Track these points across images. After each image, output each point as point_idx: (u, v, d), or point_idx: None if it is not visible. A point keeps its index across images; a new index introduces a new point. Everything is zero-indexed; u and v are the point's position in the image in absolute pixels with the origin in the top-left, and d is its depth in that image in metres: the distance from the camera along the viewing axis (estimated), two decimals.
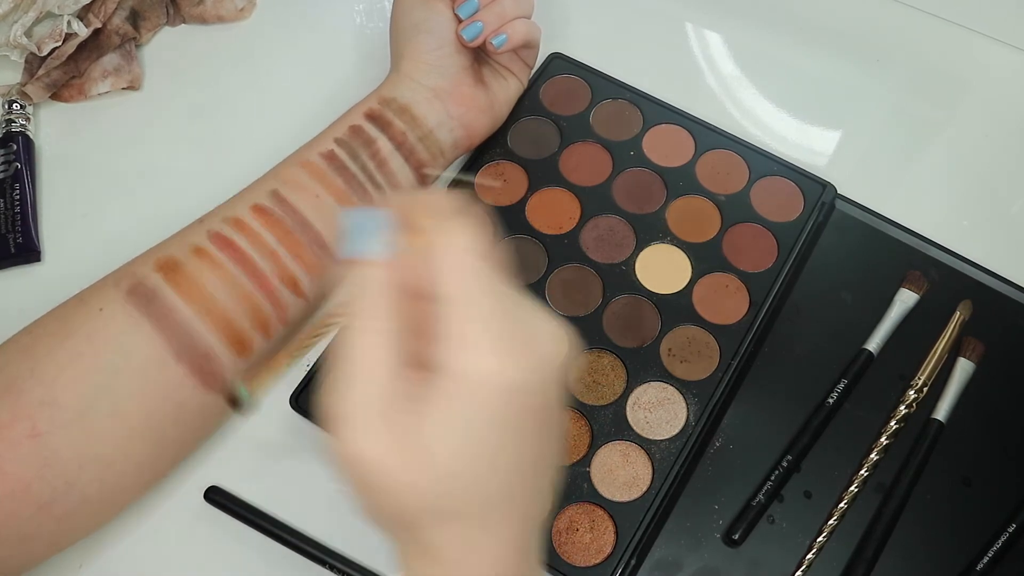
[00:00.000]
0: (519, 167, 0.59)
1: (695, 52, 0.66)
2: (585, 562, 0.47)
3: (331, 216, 0.50)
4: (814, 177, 0.58)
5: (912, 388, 0.51)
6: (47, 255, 0.56)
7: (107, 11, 0.60)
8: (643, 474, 0.49)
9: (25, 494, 0.39)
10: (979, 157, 0.61)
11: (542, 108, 0.61)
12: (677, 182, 0.58)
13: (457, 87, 0.54)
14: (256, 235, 0.47)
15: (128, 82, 0.61)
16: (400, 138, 0.52)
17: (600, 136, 0.60)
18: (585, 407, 0.51)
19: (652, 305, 0.54)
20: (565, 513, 0.48)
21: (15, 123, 0.59)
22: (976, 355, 0.52)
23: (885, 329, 0.53)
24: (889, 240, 0.56)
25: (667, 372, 0.52)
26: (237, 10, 0.65)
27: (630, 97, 0.61)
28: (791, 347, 0.53)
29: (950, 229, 0.57)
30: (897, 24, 0.66)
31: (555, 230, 0.57)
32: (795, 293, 0.55)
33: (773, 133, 0.62)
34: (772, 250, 0.56)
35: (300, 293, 0.49)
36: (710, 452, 0.50)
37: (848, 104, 0.64)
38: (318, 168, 0.50)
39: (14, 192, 0.56)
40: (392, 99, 0.53)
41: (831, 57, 0.66)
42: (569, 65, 0.63)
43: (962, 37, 0.66)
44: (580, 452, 0.50)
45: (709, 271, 0.55)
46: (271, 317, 0.47)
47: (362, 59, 0.64)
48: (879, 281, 0.55)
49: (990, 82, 0.65)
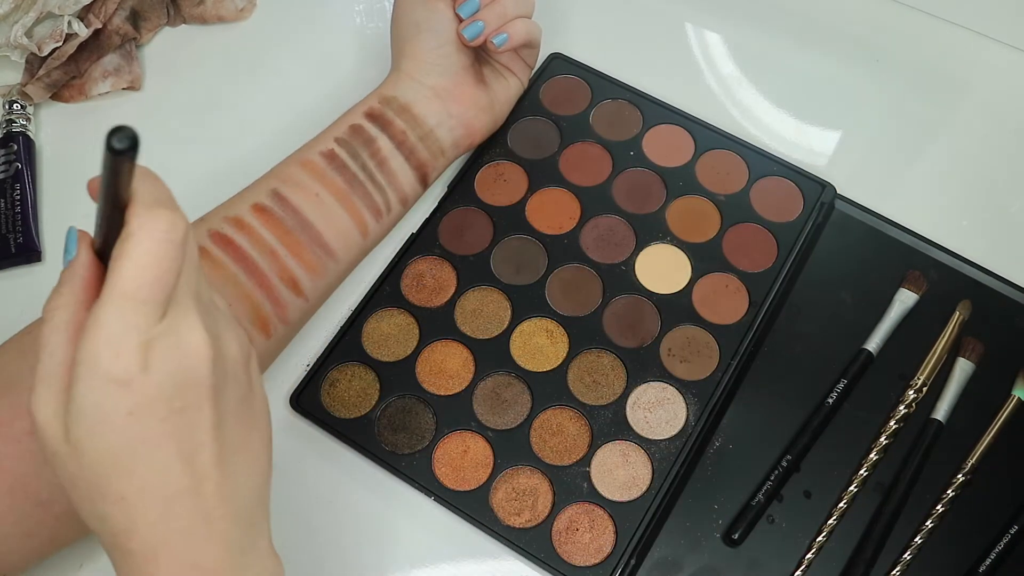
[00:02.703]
0: (519, 167, 0.59)
1: (695, 52, 0.66)
2: (585, 562, 0.47)
3: (332, 215, 0.50)
4: (814, 177, 0.58)
5: (912, 388, 0.51)
6: (48, 255, 0.56)
7: (107, 11, 0.61)
8: (643, 474, 0.49)
9: (24, 491, 0.39)
10: (979, 157, 0.61)
11: (542, 108, 0.61)
12: (677, 182, 0.58)
13: (458, 86, 0.54)
14: (256, 234, 0.47)
15: (128, 82, 0.61)
16: (400, 137, 0.53)
17: (600, 136, 0.60)
18: (585, 407, 0.51)
19: (652, 305, 0.54)
20: (565, 513, 0.48)
21: (16, 123, 0.59)
22: (976, 355, 0.52)
23: (885, 329, 0.53)
24: (889, 240, 0.56)
25: (667, 372, 0.52)
26: (237, 10, 0.65)
27: (630, 97, 0.61)
28: (791, 347, 0.53)
29: (950, 229, 0.57)
30: (897, 24, 0.66)
31: (555, 230, 0.57)
32: (795, 293, 0.55)
33: (773, 133, 0.62)
34: (772, 250, 0.56)
35: (300, 292, 0.49)
36: (710, 452, 0.50)
37: (848, 104, 0.64)
38: (318, 167, 0.50)
39: (15, 192, 0.56)
40: (393, 98, 0.53)
41: (831, 57, 0.66)
42: (569, 65, 0.63)
43: (962, 37, 0.66)
44: (580, 452, 0.50)
45: (709, 271, 0.55)
46: (271, 316, 0.47)
47: (362, 59, 0.64)
48: (879, 281, 0.55)
49: (990, 82, 0.65)
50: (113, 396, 0.29)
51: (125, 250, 0.29)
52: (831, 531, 0.48)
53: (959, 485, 0.49)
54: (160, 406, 0.29)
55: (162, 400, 0.29)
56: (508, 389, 0.52)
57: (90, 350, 0.29)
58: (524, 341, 0.53)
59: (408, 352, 0.52)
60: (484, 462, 0.49)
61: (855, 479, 0.49)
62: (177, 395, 0.30)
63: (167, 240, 0.29)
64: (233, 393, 0.32)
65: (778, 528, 0.49)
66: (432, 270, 0.55)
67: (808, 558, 0.48)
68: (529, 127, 0.60)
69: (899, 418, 0.51)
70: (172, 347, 0.29)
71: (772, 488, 0.49)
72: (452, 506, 0.48)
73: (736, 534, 0.48)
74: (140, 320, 0.29)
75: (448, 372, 0.52)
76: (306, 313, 0.50)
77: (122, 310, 0.29)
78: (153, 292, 0.29)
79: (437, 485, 0.49)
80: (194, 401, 0.30)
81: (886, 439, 0.50)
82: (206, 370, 0.30)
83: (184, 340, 0.30)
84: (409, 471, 0.49)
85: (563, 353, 0.52)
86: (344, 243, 0.51)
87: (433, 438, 0.50)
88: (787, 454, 0.50)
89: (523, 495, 0.49)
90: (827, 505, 0.49)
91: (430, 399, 0.51)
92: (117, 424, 0.29)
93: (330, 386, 0.52)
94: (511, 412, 0.51)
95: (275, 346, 0.49)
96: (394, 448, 0.50)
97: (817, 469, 0.50)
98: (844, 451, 0.50)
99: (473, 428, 0.50)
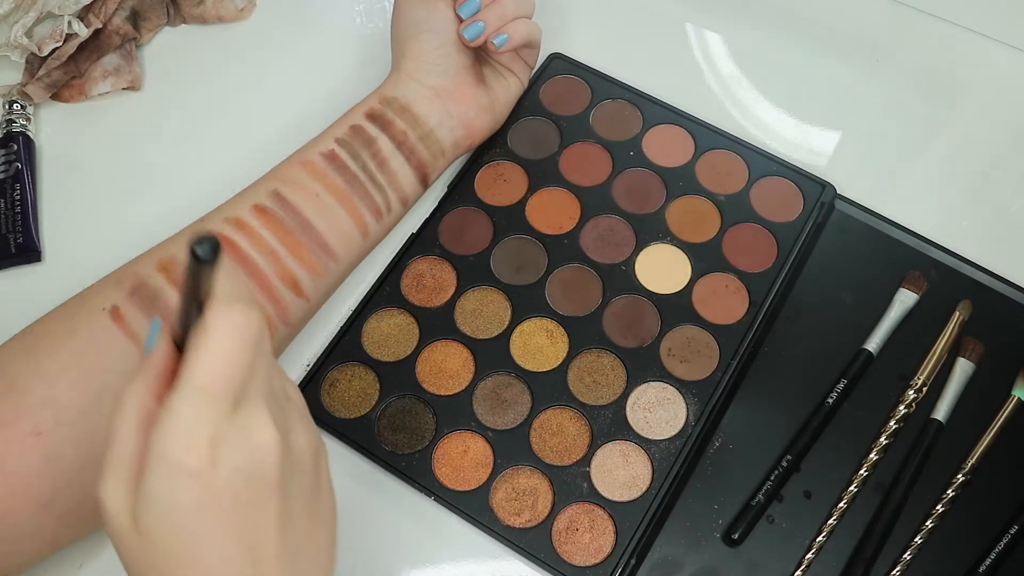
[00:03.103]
0: (519, 167, 0.59)
1: (695, 52, 0.66)
2: (585, 562, 0.47)
3: (332, 216, 0.50)
4: (814, 177, 0.58)
5: (912, 388, 0.51)
6: (48, 255, 0.56)
7: (107, 11, 0.61)
8: (643, 474, 0.49)
9: (26, 492, 0.39)
10: (979, 157, 0.61)
11: (542, 108, 0.61)
12: (677, 182, 0.58)
13: (458, 86, 0.54)
14: (257, 235, 0.47)
15: (128, 82, 0.61)
16: (401, 137, 0.53)
17: (600, 136, 0.60)
18: (585, 407, 0.51)
19: (652, 305, 0.54)
20: (565, 513, 0.48)
21: (15, 123, 0.59)
22: (976, 355, 0.52)
23: (885, 329, 0.53)
24: (889, 240, 0.57)
25: (667, 372, 0.52)
26: (237, 10, 0.65)
27: (630, 97, 0.61)
28: (791, 347, 0.53)
29: (950, 229, 0.57)
30: (897, 24, 0.66)
31: (555, 230, 0.57)
32: (795, 293, 0.55)
33: (773, 133, 0.62)
34: (772, 250, 0.56)
35: (301, 293, 0.49)
36: (710, 452, 0.51)
37: (848, 104, 0.64)
38: (319, 168, 0.50)
39: (14, 192, 0.56)
40: (393, 98, 0.53)
41: (831, 57, 0.66)
42: (569, 65, 0.63)
43: (962, 37, 0.66)
44: (580, 452, 0.50)
45: (709, 271, 0.55)
46: (272, 317, 0.47)
47: (362, 59, 0.64)
48: (879, 281, 0.55)
49: (990, 82, 0.65)
50: (183, 487, 0.29)
51: (201, 344, 0.29)
52: (831, 531, 0.48)
53: (959, 485, 0.49)
54: (227, 500, 0.29)
55: (229, 494, 0.29)
56: (508, 389, 0.52)
57: (162, 441, 0.29)
58: (524, 341, 0.53)
59: (408, 352, 0.52)
60: (484, 462, 0.49)
61: (855, 479, 0.49)
62: (244, 490, 0.30)
63: (242, 337, 0.29)
64: (300, 489, 0.32)
65: (778, 528, 0.49)
66: (432, 270, 0.55)
67: (808, 558, 0.48)
68: (529, 127, 0.60)
69: (899, 418, 0.51)
70: (242, 442, 0.30)
71: (772, 488, 0.49)
72: (452, 506, 0.48)
73: (736, 534, 0.48)
74: (212, 414, 0.29)
75: (448, 372, 0.52)
76: (307, 313, 0.50)
77: (195, 403, 0.29)
78: (226, 387, 0.29)
79: (437, 485, 0.49)
80: (261, 496, 0.30)
81: (886, 439, 0.50)
82: (274, 466, 0.30)
83: (254, 436, 0.30)
84: (409, 471, 0.49)
85: (563, 353, 0.52)
86: (344, 243, 0.51)
87: (433, 438, 0.50)
88: (787, 454, 0.50)
89: (523, 495, 0.49)
90: (827, 505, 0.49)
91: (430, 399, 0.51)
92: (186, 515, 0.29)
93: (330, 386, 0.52)
94: (511, 412, 0.51)
95: (276, 346, 0.49)
96: (394, 448, 0.50)
97: (817, 469, 0.50)
98: (844, 451, 0.50)
99: (473, 428, 0.50)
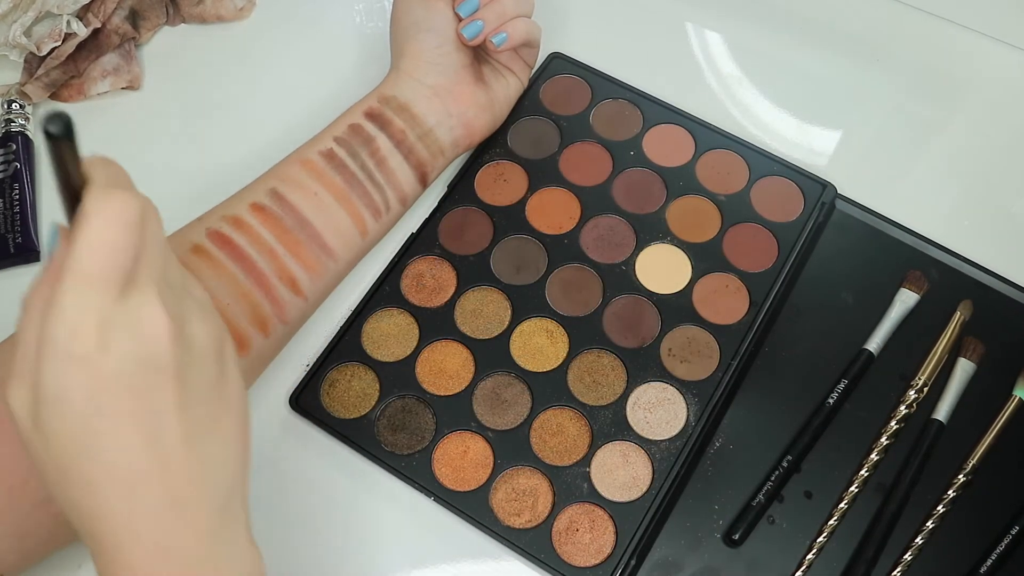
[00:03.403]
0: (519, 167, 0.58)
1: (695, 52, 0.66)
2: (585, 562, 0.47)
3: (331, 215, 0.50)
4: (814, 177, 0.58)
5: (912, 388, 0.51)
6: (47, 255, 0.56)
7: (106, 11, 0.60)
8: (643, 474, 0.49)
9: (22, 491, 0.39)
10: (979, 157, 0.61)
11: (542, 108, 0.61)
12: (677, 182, 0.58)
13: (457, 85, 0.54)
14: (255, 234, 0.47)
15: (127, 82, 0.61)
16: (399, 136, 0.52)
17: (600, 136, 0.60)
18: (585, 407, 0.51)
19: (652, 305, 0.54)
20: (565, 513, 0.48)
21: (14, 123, 0.58)
22: (976, 355, 0.52)
23: (885, 329, 0.53)
24: (889, 240, 0.56)
25: (667, 372, 0.52)
26: (237, 10, 0.65)
27: (630, 97, 0.61)
28: (791, 347, 0.53)
29: (950, 229, 0.57)
30: (897, 24, 0.66)
31: (555, 230, 0.56)
32: (795, 293, 0.55)
33: (773, 133, 0.62)
34: (772, 250, 0.56)
35: (299, 292, 0.49)
36: (710, 452, 0.50)
37: (848, 104, 0.64)
38: (317, 167, 0.50)
39: (13, 192, 0.56)
40: (392, 97, 0.53)
41: (831, 57, 0.66)
42: (569, 65, 0.63)
43: (962, 37, 0.66)
44: (580, 452, 0.50)
45: (709, 271, 0.55)
46: (270, 315, 0.47)
47: (362, 59, 0.64)
48: (879, 281, 0.55)
49: (990, 82, 0.65)
50: (73, 375, 0.29)
51: (81, 232, 0.29)
52: (832, 531, 0.48)
53: (960, 485, 0.49)
54: (119, 386, 0.29)
55: (121, 380, 0.29)
56: (508, 389, 0.51)
57: (49, 331, 0.29)
58: (524, 341, 0.53)
59: (408, 352, 0.52)
60: (484, 462, 0.49)
61: (856, 479, 0.49)
62: (137, 375, 0.29)
63: (121, 220, 0.29)
64: (202, 377, 0.32)
65: (779, 528, 0.49)
66: (432, 270, 0.55)
67: (809, 558, 0.48)
68: (529, 127, 0.60)
69: (900, 418, 0.51)
70: (131, 327, 0.29)
71: (773, 488, 0.49)
72: (452, 506, 0.48)
73: (737, 534, 0.48)
74: (96, 300, 0.29)
75: (448, 372, 0.52)
76: (305, 312, 0.50)
77: (77, 290, 0.29)
78: (109, 271, 0.29)
79: (437, 485, 0.49)
80: (156, 381, 0.30)
81: (887, 439, 0.50)
82: (167, 352, 0.30)
83: (144, 321, 0.29)
84: (409, 471, 0.49)
85: (563, 353, 0.52)
86: (343, 242, 0.50)
87: (433, 438, 0.50)
88: (788, 454, 0.50)
89: (523, 495, 0.49)
90: (828, 505, 0.49)
91: (430, 399, 0.51)
92: (78, 404, 0.29)
93: (330, 386, 0.51)
94: (511, 412, 0.51)
95: (274, 345, 0.49)
96: (394, 448, 0.50)
97: (818, 469, 0.50)
98: (845, 451, 0.50)
99: (473, 428, 0.50)
